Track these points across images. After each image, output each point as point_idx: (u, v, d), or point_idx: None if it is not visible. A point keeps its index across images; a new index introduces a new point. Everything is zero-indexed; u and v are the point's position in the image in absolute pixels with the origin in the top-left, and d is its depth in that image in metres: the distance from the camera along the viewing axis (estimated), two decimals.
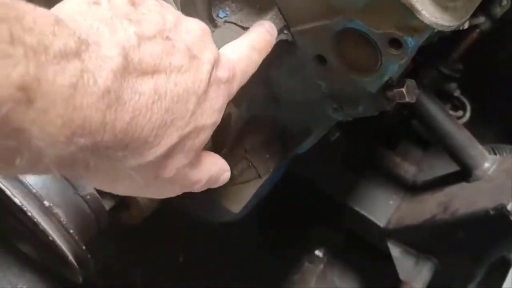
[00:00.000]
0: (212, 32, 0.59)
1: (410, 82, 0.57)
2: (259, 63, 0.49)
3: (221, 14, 0.60)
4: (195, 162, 0.41)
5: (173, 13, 0.40)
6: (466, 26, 0.60)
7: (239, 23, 0.58)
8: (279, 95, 0.68)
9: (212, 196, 0.75)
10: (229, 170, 0.47)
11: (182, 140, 0.37)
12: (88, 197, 0.63)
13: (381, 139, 1.19)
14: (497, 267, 0.82)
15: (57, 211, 0.59)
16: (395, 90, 0.57)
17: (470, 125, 1.14)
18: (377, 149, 1.18)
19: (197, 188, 0.44)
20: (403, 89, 0.56)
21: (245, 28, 0.56)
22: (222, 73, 0.41)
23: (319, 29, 0.55)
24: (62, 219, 0.59)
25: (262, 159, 0.75)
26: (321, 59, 0.58)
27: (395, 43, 0.50)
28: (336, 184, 1.12)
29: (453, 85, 1.13)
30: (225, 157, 0.70)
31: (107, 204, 0.68)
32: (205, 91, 0.39)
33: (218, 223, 1.00)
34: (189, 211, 0.87)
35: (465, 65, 1.12)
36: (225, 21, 0.59)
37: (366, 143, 1.17)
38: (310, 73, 0.60)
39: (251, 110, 0.69)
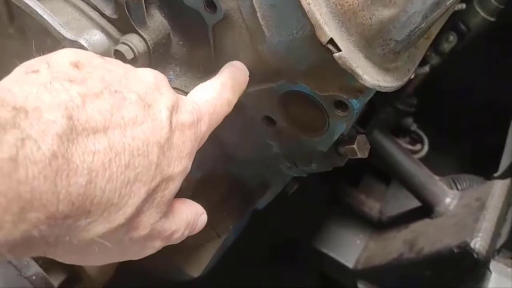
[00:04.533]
0: None
1: (361, 138, 0.56)
2: (234, 102, 0.48)
3: None
4: (168, 213, 0.39)
5: (121, 66, 0.38)
6: (412, 76, 0.60)
7: (183, 88, 0.56)
8: (231, 153, 0.66)
9: (170, 259, 0.72)
10: (204, 212, 0.45)
11: (150, 195, 0.35)
12: (34, 277, 0.59)
13: (343, 176, 1.19)
14: None
15: None
16: (346, 147, 0.56)
17: (429, 158, 1.15)
18: (340, 187, 1.18)
19: (177, 238, 0.41)
20: (354, 146, 0.56)
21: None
22: (184, 117, 0.39)
23: (265, 92, 0.54)
24: None
25: (219, 217, 0.72)
26: (269, 120, 0.57)
27: (341, 104, 0.50)
28: (301, 228, 1.10)
29: (409, 120, 1.14)
30: None
31: (57, 280, 0.65)
32: (168, 139, 0.36)
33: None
34: (147, 272, 0.83)
35: (419, 99, 1.14)
36: None
37: (328, 182, 1.16)
38: (260, 134, 0.59)
39: (204, 169, 0.67)
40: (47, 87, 0.31)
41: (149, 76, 0.39)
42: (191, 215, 0.43)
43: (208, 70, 0.56)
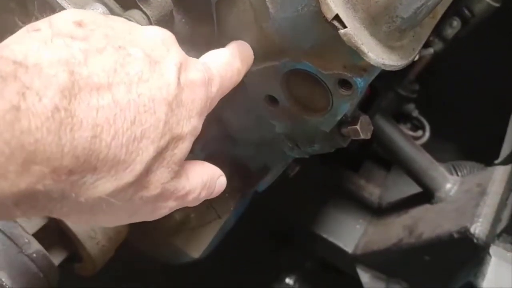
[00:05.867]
0: None
1: (364, 119, 0.56)
2: (243, 72, 0.47)
3: None
4: (181, 173, 0.38)
5: (126, 23, 0.37)
6: (416, 58, 0.60)
7: None
8: (234, 134, 0.66)
9: (170, 240, 0.72)
10: (223, 175, 0.44)
11: (160, 154, 0.34)
12: (35, 255, 0.59)
13: (343, 161, 1.19)
14: None
15: (0, 274, 0.55)
16: (349, 128, 0.56)
17: (430, 144, 1.15)
18: (340, 172, 1.17)
19: (193, 199, 0.40)
20: (357, 126, 0.55)
21: None
22: (193, 74, 0.38)
23: (268, 70, 0.53)
24: (5, 283, 0.55)
25: (221, 198, 0.72)
26: (272, 100, 0.56)
27: (345, 83, 0.49)
28: (301, 212, 1.10)
29: (411, 106, 1.14)
30: None
31: (57, 259, 0.65)
32: (176, 96, 0.35)
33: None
34: (148, 254, 0.83)
35: (421, 85, 1.14)
36: None
37: (328, 166, 1.16)
38: (262, 114, 0.59)
39: (207, 150, 0.67)
40: (47, 43, 0.31)
41: (156, 33, 0.38)
42: (207, 176, 0.42)
43: (211, 48, 0.55)
